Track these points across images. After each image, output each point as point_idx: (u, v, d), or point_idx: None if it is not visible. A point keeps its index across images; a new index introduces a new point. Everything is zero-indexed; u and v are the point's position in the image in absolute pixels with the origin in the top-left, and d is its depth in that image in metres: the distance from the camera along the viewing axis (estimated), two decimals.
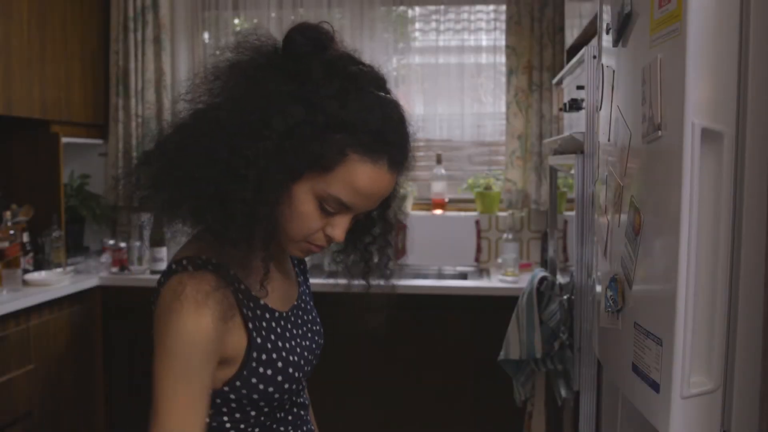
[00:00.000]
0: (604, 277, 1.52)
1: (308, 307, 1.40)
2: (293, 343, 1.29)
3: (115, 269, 3.88)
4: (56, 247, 3.68)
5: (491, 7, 4.16)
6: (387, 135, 1.12)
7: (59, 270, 3.58)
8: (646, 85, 1.21)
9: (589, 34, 2.77)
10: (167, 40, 4.22)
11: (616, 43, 1.44)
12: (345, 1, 4.17)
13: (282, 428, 1.31)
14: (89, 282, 3.63)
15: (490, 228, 4.16)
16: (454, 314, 3.52)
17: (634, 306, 1.30)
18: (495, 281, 3.69)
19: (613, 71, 1.49)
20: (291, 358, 1.27)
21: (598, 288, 1.61)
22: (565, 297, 2.70)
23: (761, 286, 1.07)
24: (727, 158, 1.07)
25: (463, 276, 4.00)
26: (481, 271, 4.02)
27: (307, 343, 1.34)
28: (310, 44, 1.14)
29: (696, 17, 1.06)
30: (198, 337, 1.10)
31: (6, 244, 3.24)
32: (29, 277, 3.37)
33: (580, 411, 2.22)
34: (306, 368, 1.33)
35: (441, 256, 4.14)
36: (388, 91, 1.18)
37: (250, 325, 1.19)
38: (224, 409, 1.21)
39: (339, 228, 1.16)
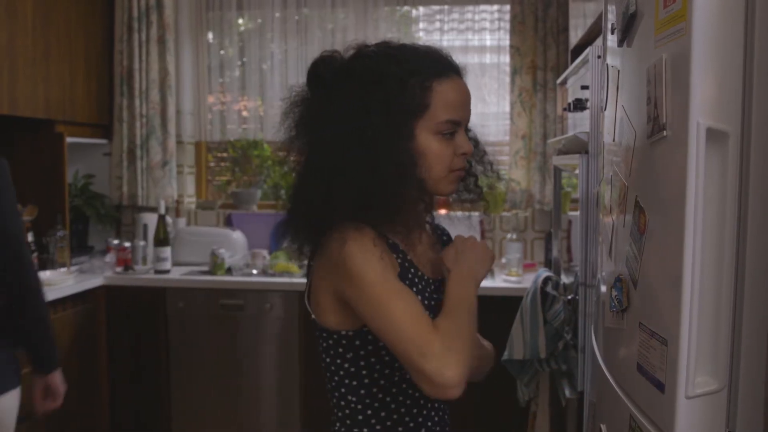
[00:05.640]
0: (608, 277, 1.52)
1: None
2: (432, 303, 1.40)
3: (119, 269, 3.89)
4: (60, 246, 3.69)
5: (495, 7, 4.16)
6: (437, 56, 1.36)
7: (63, 270, 3.59)
8: (651, 84, 1.21)
9: (593, 34, 2.77)
10: (171, 41, 4.23)
11: (621, 43, 1.44)
12: (349, 1, 4.17)
13: (410, 391, 1.39)
14: (93, 282, 3.64)
15: (494, 228, 4.16)
16: None
17: (639, 306, 1.30)
18: (499, 281, 3.69)
19: (618, 71, 1.49)
20: (428, 314, 1.34)
21: (603, 288, 1.61)
22: (569, 297, 2.70)
23: (767, 286, 1.07)
24: (733, 158, 1.07)
25: None
26: None
27: None
28: (331, 66, 1.36)
29: (701, 17, 1.06)
30: (378, 262, 1.28)
31: None
32: None
33: (584, 412, 2.22)
34: None
35: None
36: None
37: (399, 270, 1.35)
38: (362, 352, 1.35)
39: (464, 142, 1.38)
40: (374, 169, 1.28)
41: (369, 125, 1.28)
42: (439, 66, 1.35)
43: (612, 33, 1.54)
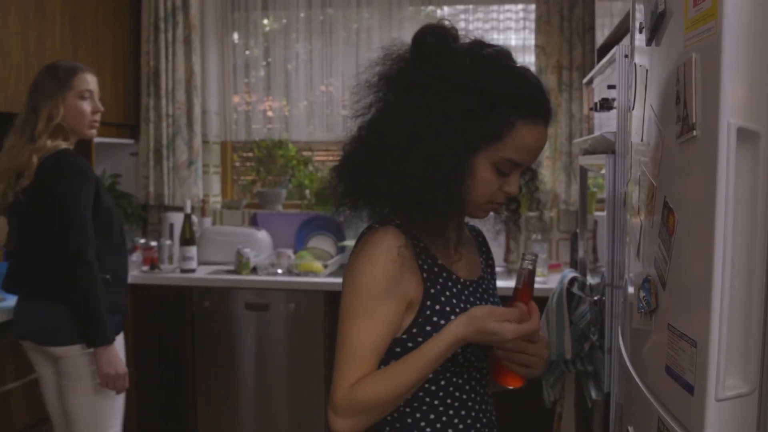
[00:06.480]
0: (636, 277, 1.51)
1: (491, 289, 1.54)
2: (468, 306, 1.39)
3: (145, 268, 3.92)
4: None
5: (520, 6, 4.14)
6: (537, 97, 1.33)
7: None
8: (680, 84, 1.20)
9: (620, 33, 2.75)
10: (197, 41, 4.26)
11: (649, 42, 1.43)
12: (373, 1, 4.17)
13: (458, 393, 1.39)
14: None
15: (520, 228, 4.13)
16: None
17: (667, 307, 1.29)
18: None
19: (647, 70, 1.48)
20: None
21: (631, 289, 1.60)
22: (595, 298, 2.68)
23: None
24: (764, 158, 1.05)
25: None
26: (510, 272, 4.01)
27: None
28: (441, 41, 1.32)
29: (731, 15, 1.05)
30: (379, 273, 1.30)
31: None
32: None
33: (610, 413, 2.21)
34: None
35: None
36: (516, 62, 1.37)
37: (425, 275, 1.36)
38: None
39: (514, 184, 1.36)
40: (422, 163, 1.27)
41: (440, 125, 1.27)
42: (532, 106, 1.31)
43: (640, 32, 1.53)
